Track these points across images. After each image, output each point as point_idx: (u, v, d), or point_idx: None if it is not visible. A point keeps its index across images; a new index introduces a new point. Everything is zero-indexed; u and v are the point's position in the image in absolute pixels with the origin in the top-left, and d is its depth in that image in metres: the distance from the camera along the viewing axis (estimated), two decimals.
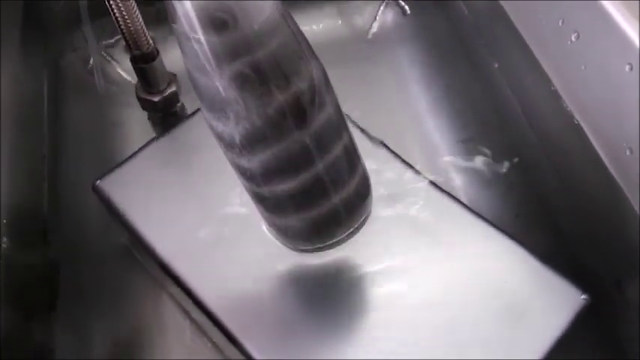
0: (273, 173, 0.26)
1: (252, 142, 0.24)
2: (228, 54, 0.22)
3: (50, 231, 0.44)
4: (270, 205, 0.29)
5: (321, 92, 0.24)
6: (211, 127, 0.26)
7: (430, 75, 0.52)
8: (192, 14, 0.21)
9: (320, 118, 0.25)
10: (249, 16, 0.22)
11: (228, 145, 0.25)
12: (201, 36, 0.22)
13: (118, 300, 0.41)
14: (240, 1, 0.21)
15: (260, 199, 0.29)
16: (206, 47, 0.22)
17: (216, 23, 0.22)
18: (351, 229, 0.31)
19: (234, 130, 0.24)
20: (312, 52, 0.25)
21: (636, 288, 0.37)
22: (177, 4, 0.21)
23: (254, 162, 0.25)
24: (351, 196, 0.29)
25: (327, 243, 0.31)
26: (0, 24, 0.46)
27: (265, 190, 0.27)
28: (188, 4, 0.21)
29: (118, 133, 0.50)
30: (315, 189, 0.27)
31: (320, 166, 0.26)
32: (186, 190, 0.39)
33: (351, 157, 0.28)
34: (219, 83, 0.23)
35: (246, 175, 0.27)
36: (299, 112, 0.24)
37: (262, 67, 0.22)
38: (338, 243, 0.31)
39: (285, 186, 0.26)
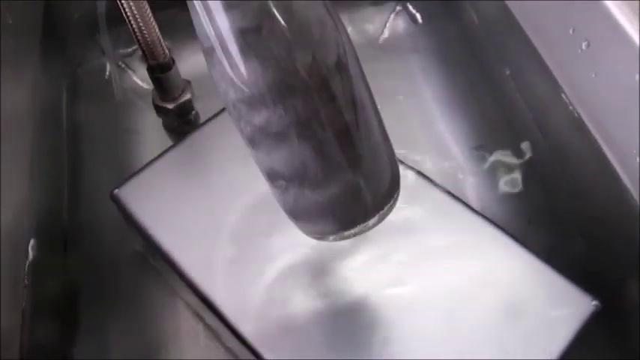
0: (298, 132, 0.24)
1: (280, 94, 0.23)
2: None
3: (70, 239, 0.44)
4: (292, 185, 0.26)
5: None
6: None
7: (442, 82, 0.52)
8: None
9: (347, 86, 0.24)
10: None
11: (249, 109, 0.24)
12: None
13: (134, 306, 0.41)
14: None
15: (276, 177, 0.26)
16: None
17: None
18: (378, 210, 0.27)
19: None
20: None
21: None
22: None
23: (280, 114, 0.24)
24: (375, 169, 0.26)
25: (353, 228, 0.28)
26: (20, 35, 0.46)
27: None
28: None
29: (135, 141, 0.50)
30: (337, 156, 0.25)
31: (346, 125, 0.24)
32: (203, 197, 0.39)
33: (376, 128, 0.26)
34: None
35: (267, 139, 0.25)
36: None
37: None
38: (364, 227, 0.28)
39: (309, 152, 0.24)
